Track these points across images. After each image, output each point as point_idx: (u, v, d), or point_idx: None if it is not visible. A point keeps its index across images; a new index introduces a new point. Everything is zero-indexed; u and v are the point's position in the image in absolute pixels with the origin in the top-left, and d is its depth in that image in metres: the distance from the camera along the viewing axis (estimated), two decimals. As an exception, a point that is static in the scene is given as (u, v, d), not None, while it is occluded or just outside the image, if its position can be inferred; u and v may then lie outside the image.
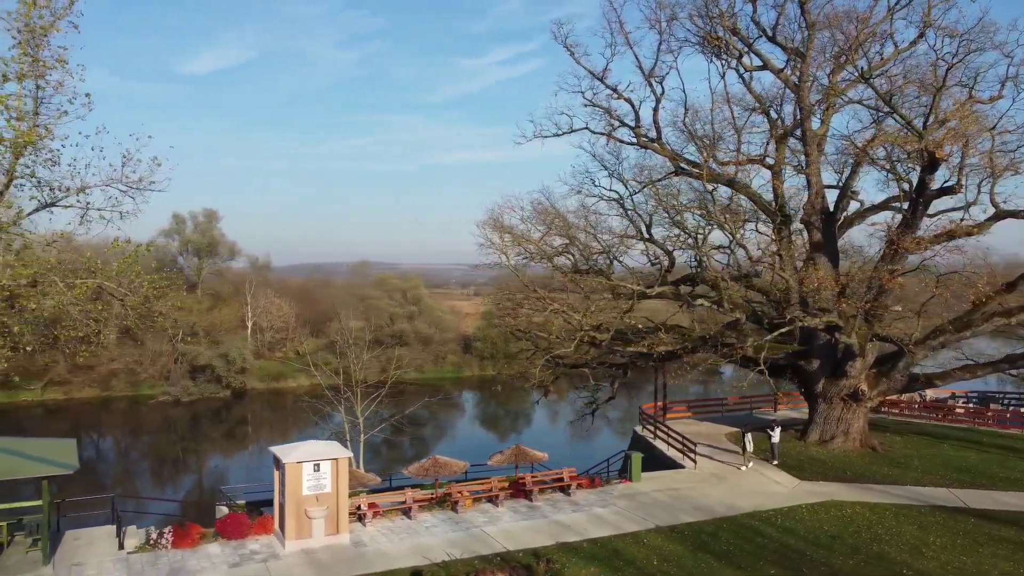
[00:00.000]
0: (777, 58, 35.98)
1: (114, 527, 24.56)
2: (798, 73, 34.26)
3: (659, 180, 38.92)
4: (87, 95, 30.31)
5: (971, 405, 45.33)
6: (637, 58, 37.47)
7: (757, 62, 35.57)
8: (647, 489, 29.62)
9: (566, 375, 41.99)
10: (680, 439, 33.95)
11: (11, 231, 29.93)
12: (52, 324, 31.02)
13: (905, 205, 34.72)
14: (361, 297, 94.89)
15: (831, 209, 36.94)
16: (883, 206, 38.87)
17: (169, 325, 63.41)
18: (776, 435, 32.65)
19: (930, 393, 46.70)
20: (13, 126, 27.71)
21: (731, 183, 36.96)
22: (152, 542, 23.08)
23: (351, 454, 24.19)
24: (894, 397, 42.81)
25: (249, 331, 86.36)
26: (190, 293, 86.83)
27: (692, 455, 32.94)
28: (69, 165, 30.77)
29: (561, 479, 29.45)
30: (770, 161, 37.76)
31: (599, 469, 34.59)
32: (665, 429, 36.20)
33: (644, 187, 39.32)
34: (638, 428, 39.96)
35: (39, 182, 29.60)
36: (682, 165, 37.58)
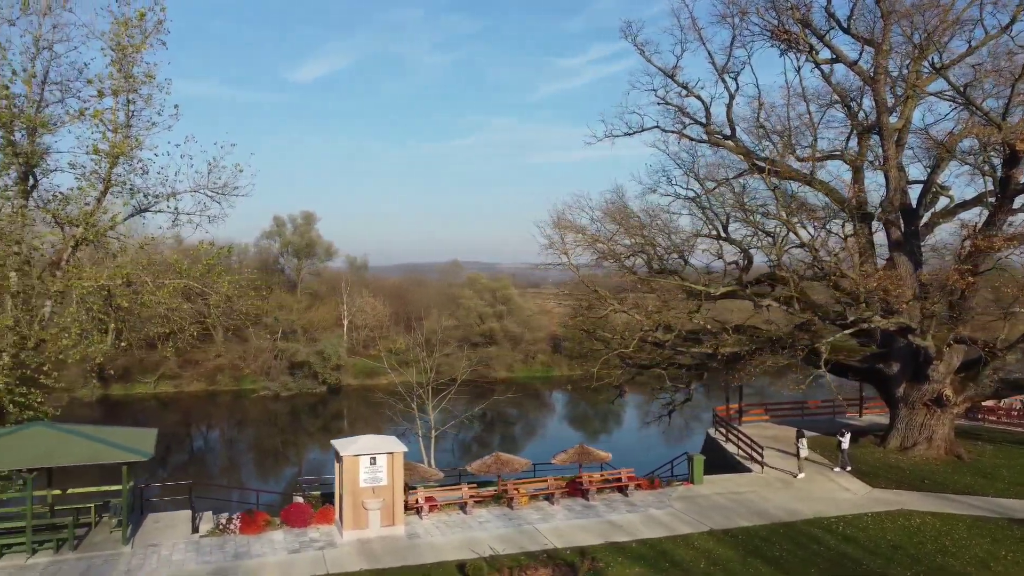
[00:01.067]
0: (852, 50, 34.76)
1: (191, 512, 26.22)
2: (873, 65, 32.96)
3: (734, 178, 38.18)
4: (175, 107, 32.54)
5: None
6: (710, 55, 36.75)
7: (829, 55, 34.42)
8: (707, 492, 29.24)
9: (649, 376, 41.68)
10: (748, 442, 33.30)
11: (108, 235, 32.45)
12: (144, 321, 33.29)
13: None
14: (452, 297, 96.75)
15: (914, 206, 35.36)
16: (976, 201, 36.83)
17: (251, 322, 66.59)
18: (846, 441, 31.50)
19: (1033, 399, 43.88)
20: (108, 138, 30.04)
21: (807, 180, 35.89)
22: (221, 527, 24.54)
23: (406, 449, 24.97)
24: (991, 403, 40.56)
25: (345, 329, 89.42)
26: (290, 293, 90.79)
27: (759, 459, 32.24)
28: (159, 172, 33.02)
29: (619, 479, 29.44)
30: (850, 156, 36.49)
31: (663, 471, 34.32)
32: (735, 432, 35.53)
33: (718, 185, 38.65)
34: (710, 430, 39.37)
35: (132, 189, 32.01)
36: (757, 162, 36.78)
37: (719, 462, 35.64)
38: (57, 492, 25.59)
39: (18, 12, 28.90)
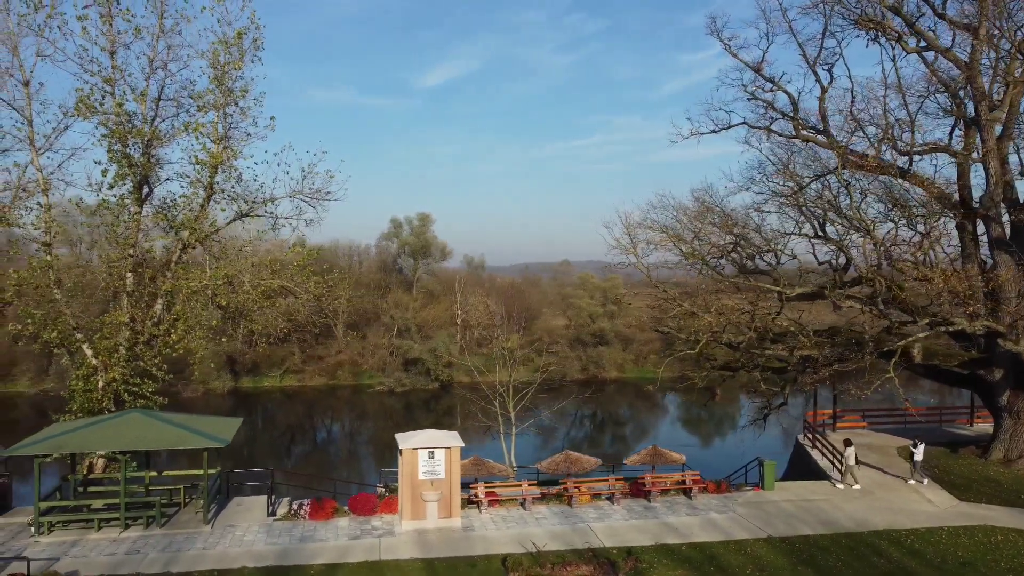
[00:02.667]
0: (946, 37, 32.68)
1: (273, 497, 28.07)
2: (970, 52, 30.90)
3: (828, 174, 36.69)
4: (271, 118, 34.90)
5: None
6: (801, 47, 35.51)
7: (919, 43, 32.50)
8: (776, 498, 28.43)
9: (749, 379, 40.72)
10: (831, 449, 32.03)
11: (212, 238, 35.14)
12: (240, 318, 35.71)
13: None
14: (563, 296, 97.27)
15: (1021, 201, 32.83)
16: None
17: (338, 321, 69.90)
18: (919, 452, 29.66)
19: None
20: (207, 149, 32.61)
21: (903, 175, 34.02)
22: (293, 512, 26.22)
23: (462, 444, 25.79)
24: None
25: (459, 327, 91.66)
26: (406, 292, 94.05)
27: (839, 466, 30.95)
28: (254, 180, 35.46)
29: (683, 482, 29.12)
30: (953, 149, 34.37)
31: (738, 475, 33.53)
32: (821, 439, 34.23)
33: (811, 182, 37.27)
34: (800, 436, 38.02)
35: (231, 196, 34.54)
36: (851, 157, 35.22)
37: (804, 469, 34.53)
38: (153, 474, 28.08)
39: (132, 36, 31.85)
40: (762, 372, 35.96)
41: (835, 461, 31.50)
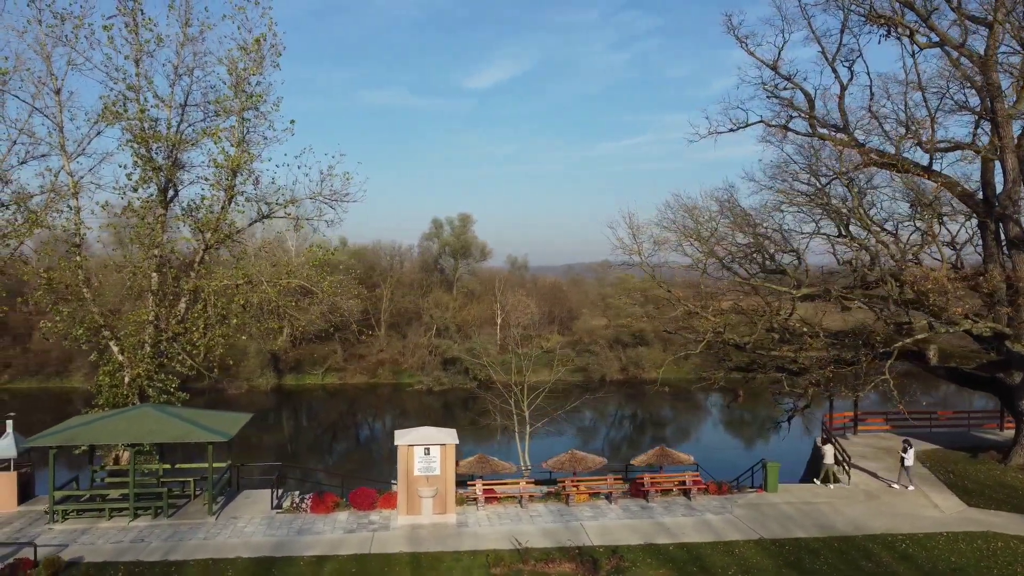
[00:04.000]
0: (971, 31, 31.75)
1: (280, 491, 28.90)
2: (985, 46, 30.03)
3: (836, 176, 36.07)
4: (292, 121, 35.90)
5: None
6: (819, 42, 34.98)
7: (932, 38, 31.70)
8: (777, 500, 28.13)
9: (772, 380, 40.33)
10: (841, 452, 31.51)
11: (234, 238, 36.20)
12: (260, 316, 36.69)
13: None
14: (603, 296, 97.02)
15: (1041, 198, 31.75)
16: None
17: (355, 319, 71.26)
18: (909, 457, 28.94)
19: None
20: (226, 153, 33.63)
21: (923, 173, 33.26)
22: (295, 506, 26.98)
23: (457, 441, 26.19)
24: None
25: (498, 327, 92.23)
26: (447, 292, 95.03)
27: (846, 470, 30.46)
28: (271, 182, 36.32)
29: (683, 482, 29.01)
30: (976, 147, 33.46)
31: (746, 477, 33.15)
32: (834, 441, 33.62)
33: (829, 182, 36.67)
34: (817, 439, 37.37)
35: (253, 198, 35.55)
36: (871, 155, 34.58)
37: (818, 472, 33.97)
38: (167, 466, 29.19)
39: (154, 46, 33.07)
40: (782, 373, 35.49)
41: (844, 464, 30.97)
